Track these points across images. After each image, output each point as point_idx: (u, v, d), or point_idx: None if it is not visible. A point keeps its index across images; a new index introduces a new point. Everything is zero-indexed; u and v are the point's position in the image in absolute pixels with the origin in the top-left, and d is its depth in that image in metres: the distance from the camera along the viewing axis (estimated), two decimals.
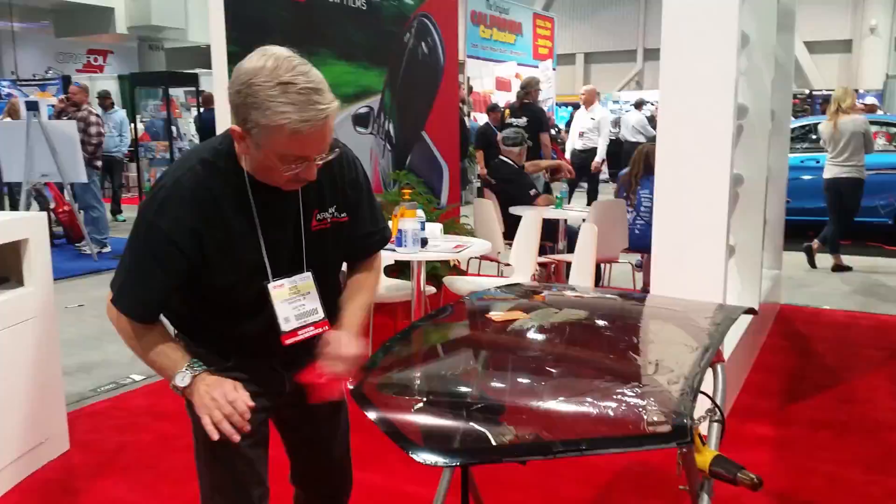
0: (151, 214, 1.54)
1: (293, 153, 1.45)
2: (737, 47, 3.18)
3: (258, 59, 1.43)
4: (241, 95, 1.41)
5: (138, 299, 1.59)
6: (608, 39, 25.79)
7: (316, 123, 1.41)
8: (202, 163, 1.55)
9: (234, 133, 1.48)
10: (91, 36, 17.20)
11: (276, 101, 1.38)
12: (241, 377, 1.66)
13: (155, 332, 1.62)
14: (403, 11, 5.02)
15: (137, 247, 1.57)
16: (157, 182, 1.62)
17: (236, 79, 1.43)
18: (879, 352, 4.70)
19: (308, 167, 1.49)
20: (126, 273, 1.59)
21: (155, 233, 1.53)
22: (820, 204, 7.47)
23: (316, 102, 1.41)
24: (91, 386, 4.20)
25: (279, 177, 1.51)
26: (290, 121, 1.39)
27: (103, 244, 8.13)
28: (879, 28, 21.30)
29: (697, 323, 2.16)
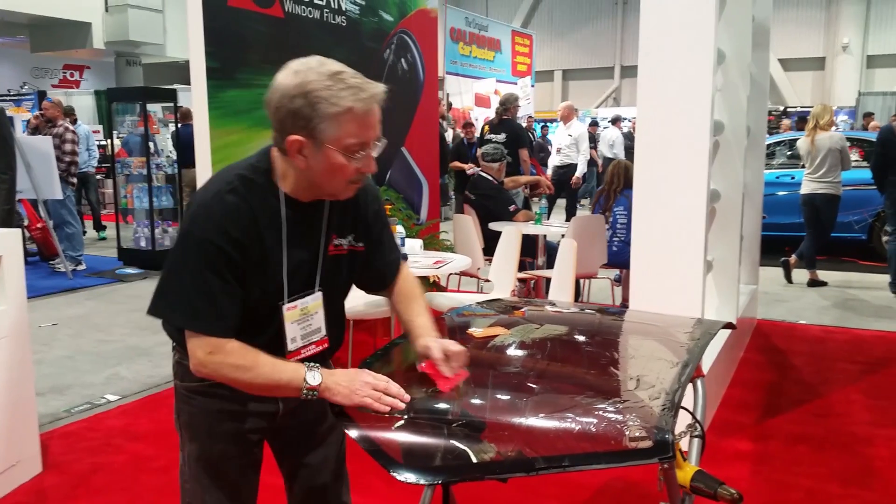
0: (199, 230, 1.52)
1: (357, 139, 1.49)
2: (713, 64, 3.22)
3: (294, 71, 1.49)
4: (298, 100, 1.46)
5: (214, 315, 1.54)
6: (586, 56, 26.08)
7: (376, 100, 1.49)
8: (240, 178, 1.57)
9: (293, 144, 1.50)
10: (67, 51, 17.08)
11: (335, 89, 1.45)
12: (231, 395, 1.66)
13: (253, 350, 1.57)
14: (383, 28, 5.03)
15: (193, 267, 1.52)
16: (193, 200, 1.60)
17: (285, 92, 1.47)
18: (854, 366, 4.74)
19: (367, 158, 1.54)
20: (191, 296, 1.53)
21: (206, 247, 1.51)
22: (796, 219, 7.56)
23: (367, 82, 1.50)
24: (64, 407, 4.13)
25: (342, 178, 1.54)
26: (355, 100, 1.46)
27: (78, 261, 8.03)
28: (851, 46, 21.74)
29: (677, 338, 2.16)
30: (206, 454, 1.72)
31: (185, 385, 1.72)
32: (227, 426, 1.71)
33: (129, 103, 8.38)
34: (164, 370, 4.73)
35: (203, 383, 1.66)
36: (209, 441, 1.71)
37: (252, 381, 1.56)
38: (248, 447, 1.74)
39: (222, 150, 3.76)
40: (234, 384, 1.58)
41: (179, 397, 1.75)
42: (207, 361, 1.54)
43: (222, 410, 1.70)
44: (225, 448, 1.72)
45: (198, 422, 1.72)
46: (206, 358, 1.54)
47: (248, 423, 1.72)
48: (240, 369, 1.54)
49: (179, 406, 1.76)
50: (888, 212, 6.88)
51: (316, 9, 4.31)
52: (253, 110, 3.92)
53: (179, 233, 1.58)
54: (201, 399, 1.70)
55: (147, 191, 8.15)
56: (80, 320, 6.03)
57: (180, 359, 1.71)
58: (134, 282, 7.58)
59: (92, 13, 15.85)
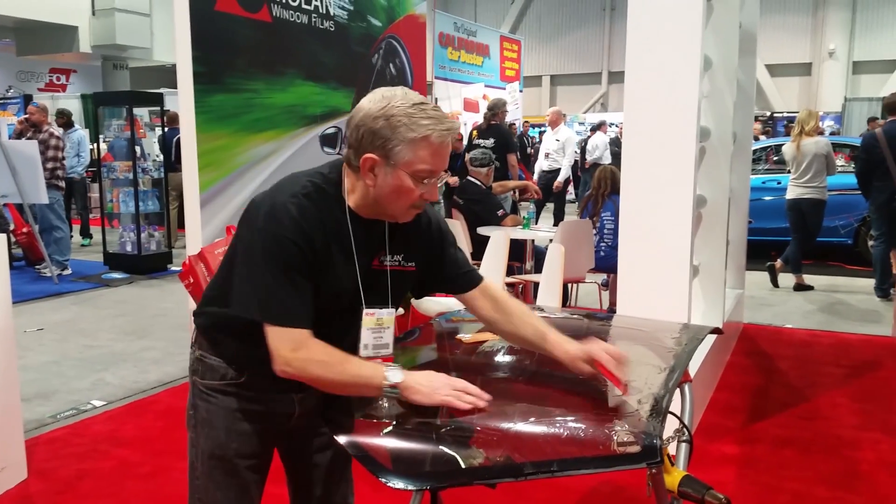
0: (276, 228, 1.56)
1: (428, 167, 1.58)
2: (699, 71, 3.24)
3: (381, 96, 1.58)
4: (380, 121, 1.55)
5: (298, 309, 1.58)
6: (574, 62, 26.18)
7: (451, 134, 1.60)
8: (313, 185, 1.63)
9: (367, 161, 1.57)
10: (54, 55, 16.97)
11: (417, 117, 1.55)
12: (252, 396, 1.72)
13: (332, 347, 1.61)
14: (371, 33, 5.04)
15: (273, 263, 1.56)
16: (260, 202, 1.62)
17: (369, 112, 1.56)
18: (840, 369, 4.77)
19: (432, 186, 1.62)
20: (273, 291, 1.57)
21: (285, 244, 1.56)
22: (782, 224, 7.61)
23: (445, 116, 1.60)
24: (50, 412, 4.10)
25: (406, 202, 1.62)
26: (434, 131, 1.56)
27: (64, 266, 7.98)
28: (838, 52, 21.92)
29: (664, 343, 2.17)
30: (221, 452, 1.75)
31: (204, 383, 1.76)
32: (245, 425, 1.74)
33: (115, 107, 8.33)
34: (151, 376, 4.70)
35: (224, 382, 1.73)
36: (226, 439, 1.74)
37: (335, 378, 1.59)
38: (262, 447, 1.79)
39: (209, 155, 3.75)
40: (318, 382, 1.61)
41: (197, 394, 1.78)
42: (292, 359, 1.57)
43: (241, 409, 1.73)
44: (240, 447, 1.75)
45: (216, 419, 1.74)
46: (291, 355, 1.57)
47: (266, 424, 1.76)
48: (325, 365, 1.58)
49: (196, 402, 1.78)
50: (873, 216, 6.94)
51: (304, 14, 4.31)
52: (240, 115, 3.91)
53: (248, 233, 1.60)
54: (221, 397, 1.74)
55: (133, 195, 8.11)
56: (65, 325, 5.99)
57: (202, 356, 1.76)
58: (120, 287, 7.53)
59: (79, 16, 15.76)
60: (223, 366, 1.73)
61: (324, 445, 1.91)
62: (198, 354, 1.77)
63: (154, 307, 6.62)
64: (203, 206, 3.73)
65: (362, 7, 4.88)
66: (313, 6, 4.39)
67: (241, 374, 1.73)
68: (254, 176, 4.07)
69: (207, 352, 1.75)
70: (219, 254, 2.92)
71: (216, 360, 1.74)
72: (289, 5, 4.19)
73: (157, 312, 6.40)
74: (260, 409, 1.74)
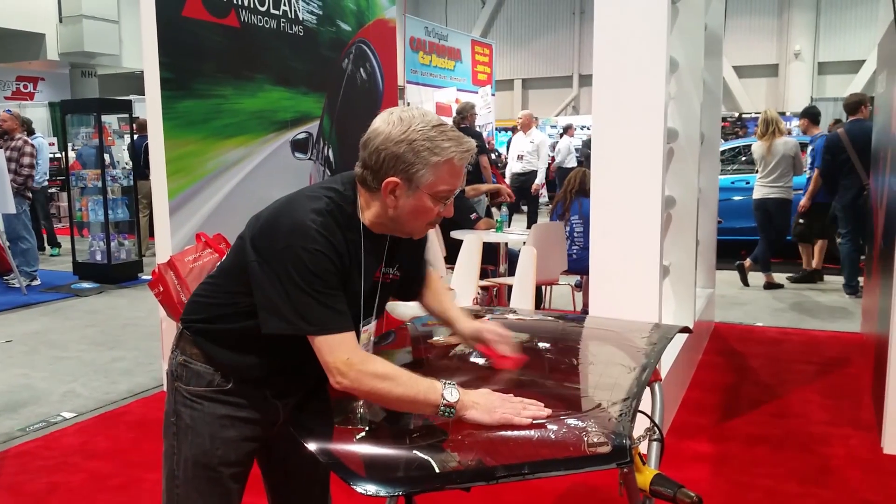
0: (304, 242, 1.55)
1: (448, 187, 1.63)
2: (666, 73, 3.27)
3: (399, 118, 1.60)
4: (402, 145, 1.57)
5: (344, 315, 1.59)
6: (545, 66, 26.32)
7: (472, 153, 1.64)
8: (332, 201, 1.64)
9: (388, 184, 1.60)
10: (20, 62, 16.72)
11: (438, 139, 1.58)
12: (238, 402, 1.72)
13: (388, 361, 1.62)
14: (341, 37, 5.02)
15: (307, 277, 1.55)
16: (281, 217, 1.61)
17: (390, 136, 1.58)
18: (810, 366, 4.84)
19: (449, 204, 1.68)
20: (318, 304, 1.56)
21: (316, 257, 1.56)
22: (751, 223, 7.70)
23: (464, 137, 1.63)
24: (19, 426, 4.03)
25: (424, 221, 1.67)
26: (455, 153, 1.60)
27: (33, 277, 7.85)
28: (803, 53, 22.25)
29: (634, 343, 2.19)
30: (205, 459, 1.73)
31: (189, 389, 1.74)
32: (230, 432, 1.73)
33: (83, 115, 8.23)
34: (121, 386, 4.64)
35: (210, 388, 1.72)
36: (211, 446, 1.73)
37: (391, 392, 1.56)
38: (246, 455, 1.78)
39: (178, 161, 3.72)
40: (374, 396, 1.59)
41: (180, 401, 1.76)
42: (347, 370, 1.55)
43: (227, 416, 1.73)
44: (225, 454, 1.74)
45: (200, 426, 1.73)
46: (345, 367, 1.55)
47: (250, 431, 1.76)
48: (381, 378, 1.56)
49: (178, 409, 1.76)
50: (840, 215, 7.05)
51: (273, 19, 4.29)
52: (209, 120, 3.88)
53: (271, 249, 1.58)
54: (207, 404, 1.73)
55: (102, 203, 8.01)
56: (35, 337, 5.90)
57: (186, 361, 1.74)
58: (90, 296, 7.43)
59: (45, 24, 15.54)
60: (210, 372, 1.72)
61: (302, 452, 1.91)
62: (181, 360, 1.75)
63: (125, 317, 6.54)
64: (172, 213, 3.69)
65: (332, 12, 4.87)
66: (282, 11, 4.37)
67: (227, 381, 1.73)
68: (224, 182, 4.04)
69: (193, 358, 1.74)
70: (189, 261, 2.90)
71: (203, 367, 1.73)
72: (257, 10, 4.17)
73: (128, 322, 6.32)
74: (245, 416, 1.74)
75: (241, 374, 1.73)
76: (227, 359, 1.73)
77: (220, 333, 1.72)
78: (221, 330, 1.72)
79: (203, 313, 1.75)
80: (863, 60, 20.63)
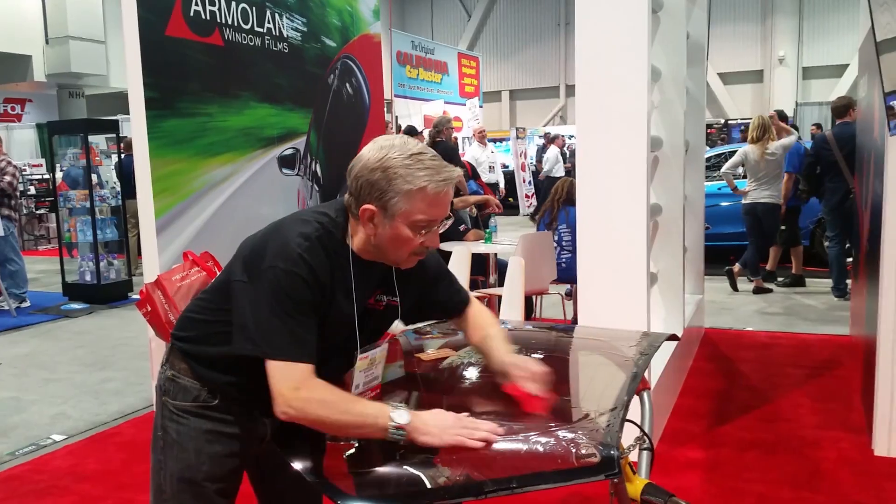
0: (285, 264, 1.56)
1: (426, 217, 1.60)
2: (648, 82, 3.29)
3: (379, 146, 1.60)
4: (376, 172, 1.57)
5: (305, 344, 1.57)
6: (531, 77, 26.46)
7: (449, 183, 1.61)
8: (322, 227, 1.64)
9: (366, 212, 1.61)
10: (7, 84, 16.67)
11: (414, 168, 1.57)
12: (225, 418, 1.73)
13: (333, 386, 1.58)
14: (326, 53, 5.03)
15: (280, 298, 1.55)
16: (268, 240, 1.62)
17: (367, 163, 1.59)
18: (800, 370, 4.85)
19: (433, 234, 1.66)
20: (280, 328, 1.55)
21: (294, 280, 1.56)
22: (739, 229, 7.74)
23: (445, 166, 1.61)
24: (8, 449, 4.00)
25: (405, 250, 1.65)
26: (431, 182, 1.57)
27: (22, 298, 7.81)
28: (787, 59, 22.43)
29: (623, 352, 2.19)
30: (190, 474, 1.73)
31: (175, 404, 1.75)
32: (216, 447, 1.73)
33: (70, 136, 8.21)
34: (112, 407, 4.62)
35: (196, 403, 1.72)
36: (196, 461, 1.73)
37: (338, 420, 1.54)
38: (233, 470, 1.78)
39: (164, 180, 3.71)
40: (319, 424, 1.56)
41: (167, 415, 1.76)
42: (293, 398, 1.53)
43: (213, 431, 1.73)
44: (211, 469, 1.73)
45: (186, 441, 1.73)
46: (291, 395, 1.54)
47: (237, 446, 1.76)
48: (326, 405, 1.54)
49: (165, 424, 1.76)
50: (827, 217, 7.09)
51: (257, 36, 4.30)
52: (195, 139, 3.88)
53: (252, 270, 1.59)
54: (193, 419, 1.73)
55: (91, 223, 7.98)
56: (24, 359, 5.86)
57: (174, 376, 1.75)
58: (80, 317, 7.39)
59: (32, 45, 15.50)
60: (197, 387, 1.73)
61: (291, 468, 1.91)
62: (169, 374, 1.77)
63: (115, 337, 6.51)
64: (159, 232, 3.68)
65: (316, 28, 4.88)
66: (266, 28, 4.38)
67: (214, 397, 1.73)
68: (211, 200, 4.03)
69: (181, 373, 1.75)
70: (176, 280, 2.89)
71: (190, 382, 1.74)
72: (241, 28, 4.18)
73: (118, 342, 6.29)
74: (232, 432, 1.74)
75: (227, 390, 1.73)
76: (214, 375, 1.73)
77: (208, 350, 1.73)
78: (210, 346, 1.72)
79: (193, 330, 1.76)
80: (846, 65, 20.80)
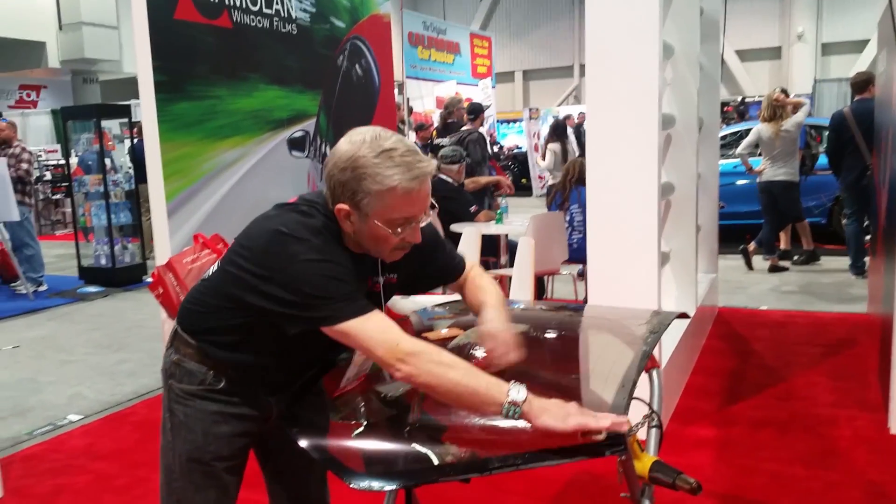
0: (316, 255, 1.55)
1: (401, 215, 1.57)
2: (659, 58, 3.25)
3: (351, 141, 1.57)
4: (346, 172, 1.55)
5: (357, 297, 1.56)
6: (545, 56, 26.22)
7: (422, 180, 1.56)
8: (326, 220, 1.62)
9: (340, 212, 1.58)
10: (23, 71, 16.76)
11: (382, 167, 1.53)
12: (230, 400, 1.74)
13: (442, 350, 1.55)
14: (335, 34, 5.01)
15: (322, 279, 1.53)
16: (286, 236, 1.57)
17: (337, 161, 1.56)
18: (816, 348, 4.81)
19: (413, 230, 1.62)
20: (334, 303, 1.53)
21: (327, 266, 1.55)
22: (755, 207, 7.66)
23: (419, 162, 1.56)
24: (26, 430, 4.05)
25: (386, 247, 1.62)
26: (401, 181, 1.53)
27: (39, 283, 7.89)
28: (806, 34, 22.09)
29: (632, 331, 2.18)
30: (198, 455, 1.76)
31: (181, 387, 1.77)
32: (223, 428, 1.75)
33: (83, 121, 8.25)
34: (126, 388, 4.67)
35: (202, 387, 1.74)
36: (203, 442, 1.75)
37: (457, 382, 1.47)
38: (240, 449, 1.80)
39: (175, 163, 3.72)
40: (435, 387, 1.49)
41: (173, 398, 1.79)
42: (411, 360, 1.48)
43: (219, 412, 1.75)
44: (218, 449, 1.76)
45: (193, 423, 1.75)
46: (406, 357, 1.49)
47: (242, 426, 1.78)
48: (442, 365, 1.48)
49: (172, 407, 1.79)
50: (844, 195, 7.01)
51: (265, 18, 4.28)
52: (204, 122, 3.88)
53: (280, 267, 1.55)
54: (199, 401, 1.75)
55: (105, 208, 8.04)
56: (41, 342, 5.93)
57: (179, 360, 1.77)
58: (95, 300, 7.46)
59: (45, 32, 15.55)
60: (202, 371, 1.74)
61: (296, 444, 1.92)
62: (175, 358, 1.78)
63: (130, 319, 6.56)
64: (170, 215, 3.70)
65: (325, 9, 4.86)
66: (274, 10, 4.36)
67: (219, 381, 1.74)
68: (221, 183, 4.04)
69: (186, 357, 1.76)
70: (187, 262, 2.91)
71: (195, 365, 1.75)
72: (249, 10, 4.16)
73: (133, 324, 6.35)
74: (238, 413, 1.76)
75: (232, 373, 1.75)
76: (217, 359, 1.74)
77: (211, 337, 1.74)
78: (211, 332, 1.74)
79: (196, 315, 1.77)
80: (866, 40, 20.44)
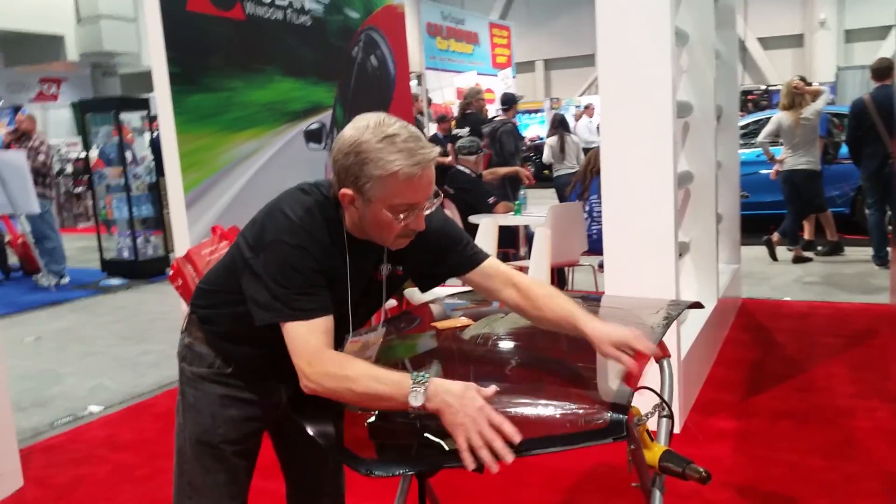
0: (290, 238, 1.56)
1: (404, 201, 1.55)
2: (671, 45, 3.21)
3: (355, 126, 1.56)
4: (350, 157, 1.54)
5: (316, 303, 1.56)
6: (566, 45, 26.02)
7: (425, 166, 1.55)
8: (318, 204, 1.63)
9: (344, 196, 1.58)
10: (42, 65, 16.92)
11: (386, 152, 1.52)
12: (239, 385, 1.76)
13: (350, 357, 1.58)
14: (350, 26, 5.00)
15: (286, 273, 1.55)
16: (274, 213, 1.61)
17: (341, 146, 1.56)
18: (837, 339, 4.75)
19: (417, 216, 1.60)
20: (287, 294, 1.55)
21: (298, 252, 1.56)
22: (778, 197, 7.56)
23: (421, 148, 1.54)
24: (48, 420, 4.11)
25: (389, 233, 1.60)
26: (403, 166, 1.51)
27: (61, 275, 7.99)
28: (829, 22, 21.78)
29: (643, 320, 2.16)
30: (207, 437, 1.77)
31: (192, 370, 1.79)
32: (232, 411, 1.77)
33: (102, 114, 8.32)
34: (149, 379, 4.71)
35: (211, 370, 1.76)
36: (212, 425, 1.77)
37: (356, 392, 1.49)
38: (249, 433, 1.81)
39: (192, 155, 3.74)
40: (338, 398, 1.53)
41: (185, 381, 1.82)
42: (310, 374, 1.51)
43: (227, 396, 1.77)
44: (227, 432, 1.77)
45: (203, 405, 1.78)
46: (308, 370, 1.51)
47: (252, 411, 1.79)
48: (337, 378, 1.50)
49: (184, 389, 1.82)
50: (865, 184, 6.90)
51: (279, 9, 4.29)
52: (220, 114, 3.90)
53: (259, 244, 1.59)
54: (208, 384, 1.77)
55: (126, 201, 8.11)
56: (63, 333, 6.00)
57: (191, 343, 1.79)
58: (118, 293, 7.54)
59: (64, 25, 15.68)
60: (212, 355, 1.77)
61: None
62: (187, 342, 1.81)
63: (152, 311, 6.63)
64: (188, 207, 3.72)
65: (338, 0, 4.85)
66: (287, 2, 4.36)
67: (228, 365, 1.77)
68: (238, 175, 4.06)
69: (197, 341, 1.78)
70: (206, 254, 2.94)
71: (205, 349, 1.77)
72: (262, 2, 4.17)
73: (155, 316, 6.41)
74: (247, 397, 1.78)
75: (240, 359, 1.77)
76: (227, 345, 1.76)
77: (221, 321, 1.76)
78: (218, 318, 1.76)
79: (207, 300, 1.79)
80: (890, 26, 20.11)
